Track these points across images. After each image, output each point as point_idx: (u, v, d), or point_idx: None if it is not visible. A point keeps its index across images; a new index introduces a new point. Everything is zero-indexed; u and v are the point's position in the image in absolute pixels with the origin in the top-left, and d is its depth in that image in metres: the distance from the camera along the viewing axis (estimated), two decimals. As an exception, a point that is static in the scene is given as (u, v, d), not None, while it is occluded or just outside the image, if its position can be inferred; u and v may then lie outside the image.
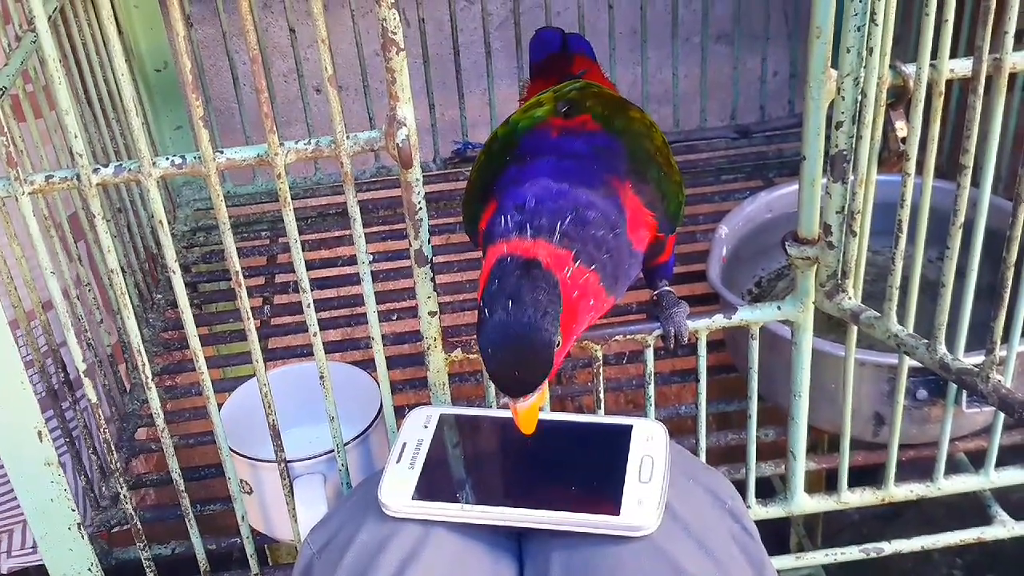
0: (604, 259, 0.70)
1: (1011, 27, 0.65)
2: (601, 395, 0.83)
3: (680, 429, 0.93)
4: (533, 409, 0.68)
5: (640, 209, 0.74)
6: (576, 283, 0.68)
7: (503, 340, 0.65)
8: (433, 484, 0.70)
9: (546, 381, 0.68)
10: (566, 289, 0.67)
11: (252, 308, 0.72)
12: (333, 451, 0.81)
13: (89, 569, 0.87)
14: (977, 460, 0.94)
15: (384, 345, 0.76)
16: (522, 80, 1.29)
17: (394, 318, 1.16)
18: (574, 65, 0.98)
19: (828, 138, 0.73)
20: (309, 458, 0.83)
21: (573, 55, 1.02)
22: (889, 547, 0.95)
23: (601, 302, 0.71)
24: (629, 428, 0.72)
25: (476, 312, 0.67)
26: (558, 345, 0.67)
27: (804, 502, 0.91)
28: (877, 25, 0.68)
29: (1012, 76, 0.69)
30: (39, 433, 0.79)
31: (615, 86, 1.00)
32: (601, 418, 0.75)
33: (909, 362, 0.82)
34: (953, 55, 0.69)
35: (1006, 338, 0.75)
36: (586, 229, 0.69)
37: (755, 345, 0.83)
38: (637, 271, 0.77)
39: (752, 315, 0.82)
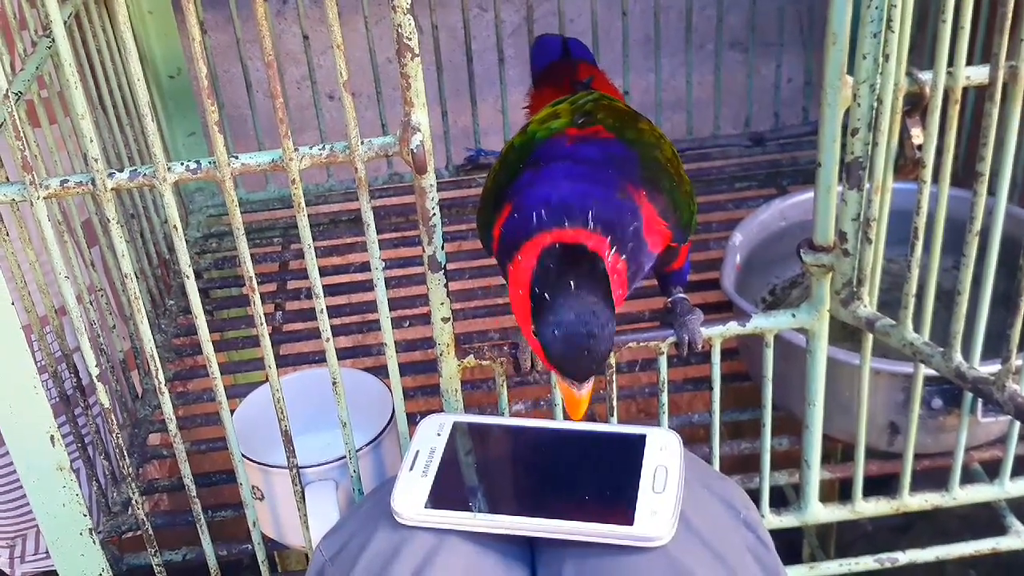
0: (630, 248, 0.70)
1: (1028, 34, 0.65)
2: (614, 403, 0.83)
3: (692, 438, 0.93)
4: (588, 396, 0.69)
5: (654, 218, 0.73)
6: (615, 268, 0.69)
7: (572, 326, 0.65)
8: (446, 492, 0.69)
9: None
10: (610, 273, 0.68)
11: (264, 314, 0.72)
12: (345, 457, 0.81)
13: (100, 575, 0.87)
14: (992, 470, 0.94)
15: (396, 352, 0.76)
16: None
17: (406, 325, 1.16)
18: (579, 72, 0.98)
19: (844, 145, 0.73)
20: (321, 464, 0.83)
21: (577, 62, 1.02)
22: (904, 557, 0.94)
23: (624, 292, 0.72)
24: (643, 438, 0.71)
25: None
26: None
27: (818, 511, 0.91)
28: (893, 32, 0.68)
29: (1029, 84, 0.68)
30: (51, 438, 0.79)
31: (620, 91, 1.00)
32: (615, 427, 0.74)
33: (924, 371, 0.82)
34: (969, 62, 0.69)
35: (1022, 347, 0.75)
36: (614, 218, 0.69)
37: (769, 353, 0.83)
38: (649, 267, 0.77)
39: (766, 323, 0.82)
